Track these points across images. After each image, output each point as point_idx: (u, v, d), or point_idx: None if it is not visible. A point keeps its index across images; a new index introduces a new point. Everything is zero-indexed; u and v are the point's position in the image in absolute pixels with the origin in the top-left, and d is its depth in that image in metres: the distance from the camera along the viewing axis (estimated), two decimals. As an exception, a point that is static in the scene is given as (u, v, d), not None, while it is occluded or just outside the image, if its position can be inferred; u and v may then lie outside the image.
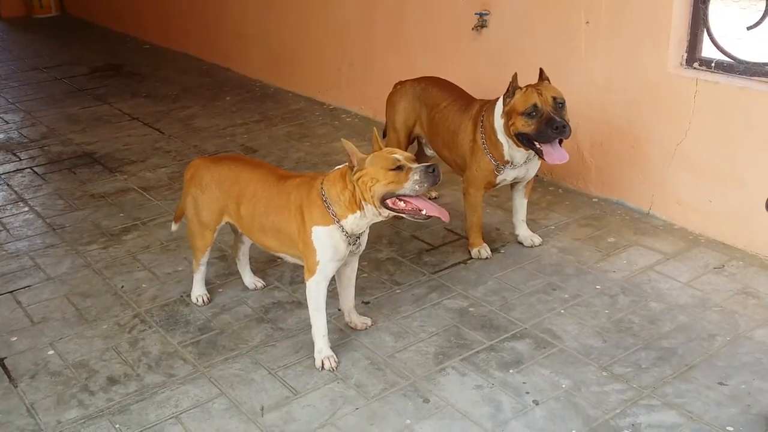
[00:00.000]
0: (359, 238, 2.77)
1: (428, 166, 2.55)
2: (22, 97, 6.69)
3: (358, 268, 3.13)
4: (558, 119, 3.19)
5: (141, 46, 8.42)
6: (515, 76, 3.28)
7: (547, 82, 3.31)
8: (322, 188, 2.70)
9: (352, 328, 3.09)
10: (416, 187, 2.54)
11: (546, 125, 3.19)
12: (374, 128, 2.83)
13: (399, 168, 2.55)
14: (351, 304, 3.08)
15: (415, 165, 2.57)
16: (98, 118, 6.02)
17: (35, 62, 7.96)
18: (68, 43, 8.82)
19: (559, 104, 3.24)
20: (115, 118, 6.01)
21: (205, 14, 7.41)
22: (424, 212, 2.59)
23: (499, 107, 3.36)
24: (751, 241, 3.53)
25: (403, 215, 2.61)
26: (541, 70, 3.32)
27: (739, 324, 3.03)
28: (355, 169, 2.60)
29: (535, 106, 3.21)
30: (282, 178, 2.90)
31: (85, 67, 7.61)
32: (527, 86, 3.26)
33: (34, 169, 4.99)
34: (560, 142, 3.25)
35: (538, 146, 3.25)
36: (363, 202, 2.63)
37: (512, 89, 3.27)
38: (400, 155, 2.60)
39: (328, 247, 2.71)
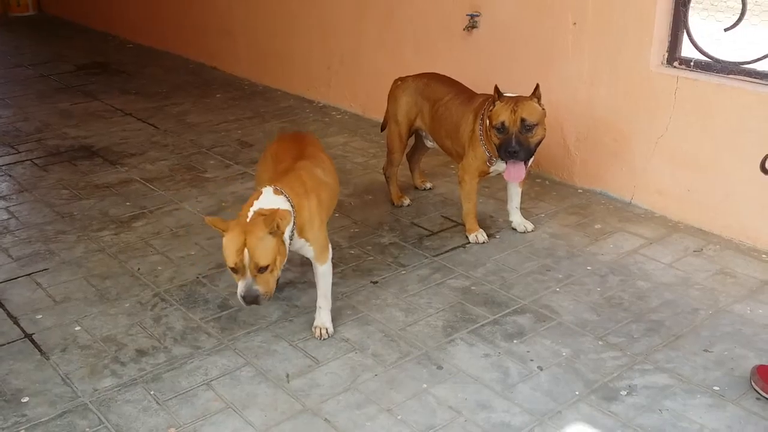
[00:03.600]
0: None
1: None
2: (10, 93, 6.73)
3: (363, 252, 3.30)
4: (513, 144, 3.40)
5: (123, 44, 8.49)
6: (496, 88, 3.49)
7: (534, 99, 3.47)
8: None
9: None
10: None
11: (502, 146, 3.45)
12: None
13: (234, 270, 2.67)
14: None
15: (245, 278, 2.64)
16: (91, 113, 6.12)
17: (18, 59, 7.98)
18: (48, 41, 8.85)
19: (527, 127, 3.43)
20: (108, 113, 6.12)
21: (189, 12, 7.49)
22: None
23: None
24: (727, 227, 3.83)
25: None
26: (536, 87, 3.48)
27: (719, 299, 3.31)
28: None
29: (503, 123, 3.45)
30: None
31: (71, 65, 7.67)
32: (508, 101, 3.45)
33: (34, 161, 5.08)
34: (526, 162, 3.50)
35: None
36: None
37: (492, 101, 3.52)
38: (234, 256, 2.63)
39: None
